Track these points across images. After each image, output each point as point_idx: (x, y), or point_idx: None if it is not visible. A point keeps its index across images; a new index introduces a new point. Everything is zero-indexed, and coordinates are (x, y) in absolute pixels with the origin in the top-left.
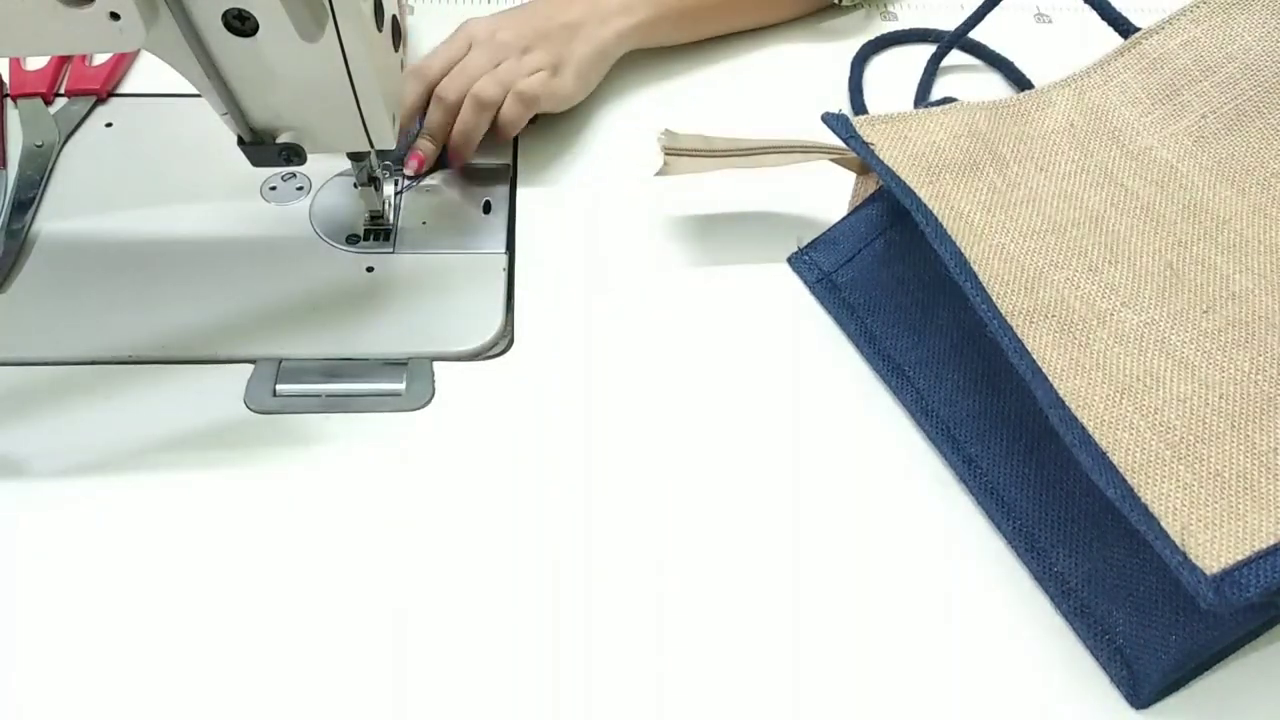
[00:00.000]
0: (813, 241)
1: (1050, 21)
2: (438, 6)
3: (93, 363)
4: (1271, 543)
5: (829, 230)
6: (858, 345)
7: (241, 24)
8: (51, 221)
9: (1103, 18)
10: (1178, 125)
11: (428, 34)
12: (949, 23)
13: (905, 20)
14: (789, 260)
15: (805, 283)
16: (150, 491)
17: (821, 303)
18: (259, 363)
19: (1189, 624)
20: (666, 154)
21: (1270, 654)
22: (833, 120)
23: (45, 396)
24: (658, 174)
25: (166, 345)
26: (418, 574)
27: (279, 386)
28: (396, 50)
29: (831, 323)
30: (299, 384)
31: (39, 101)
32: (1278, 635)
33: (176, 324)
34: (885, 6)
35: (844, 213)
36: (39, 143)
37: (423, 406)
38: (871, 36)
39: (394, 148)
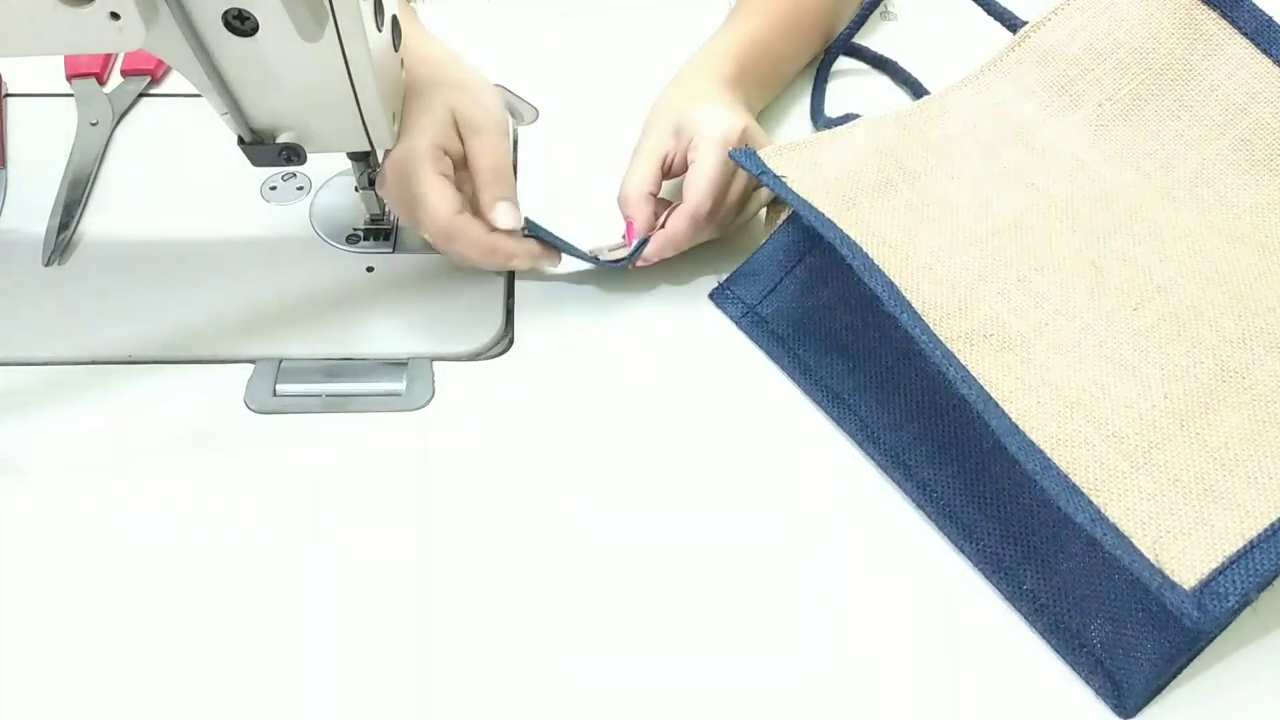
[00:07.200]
0: (732, 275)
1: (944, 22)
2: (438, 7)
3: (93, 363)
4: (1240, 545)
5: (747, 261)
6: (794, 378)
7: (241, 24)
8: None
9: (989, 14)
10: (1076, 116)
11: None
12: (950, 22)
13: (905, 20)
14: (711, 296)
15: (730, 318)
16: (150, 491)
17: (750, 337)
18: (259, 363)
19: (1164, 628)
20: None
21: (1264, 656)
22: (742, 156)
23: (45, 396)
24: None
25: (166, 345)
26: (417, 573)
27: (279, 386)
28: (396, 50)
29: (765, 357)
30: (299, 384)
31: (93, 81)
32: (1267, 637)
33: (176, 324)
34: (886, 6)
35: (761, 239)
36: (94, 121)
37: (423, 406)
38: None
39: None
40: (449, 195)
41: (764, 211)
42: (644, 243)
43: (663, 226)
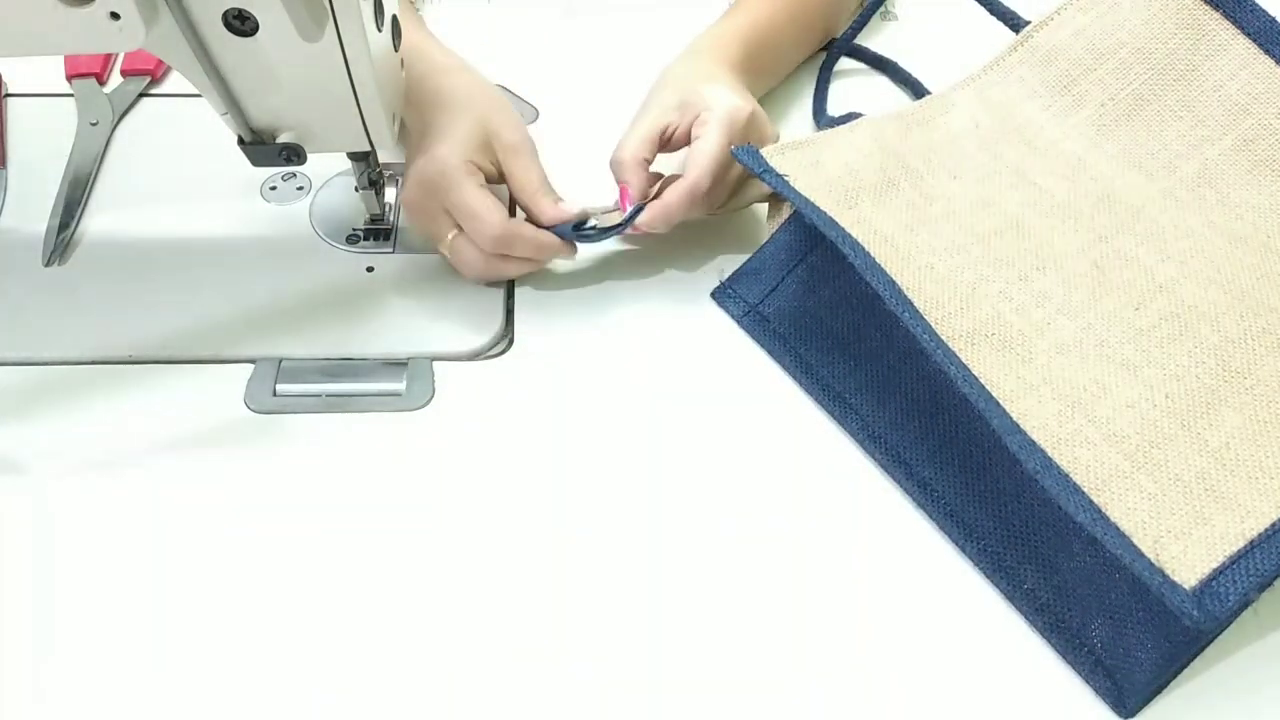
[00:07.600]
0: (734, 274)
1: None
2: (438, 7)
3: (93, 363)
4: (1240, 545)
5: (749, 260)
6: (795, 377)
7: (241, 24)
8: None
9: (991, 13)
10: (1079, 115)
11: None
12: (950, 22)
13: (906, 20)
14: (712, 295)
15: (732, 317)
16: (150, 491)
17: (751, 336)
18: (259, 363)
19: (1164, 628)
20: None
21: (1264, 656)
22: (744, 155)
23: (45, 396)
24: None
25: (166, 345)
26: (417, 573)
27: (279, 386)
28: (396, 50)
29: (766, 356)
30: (299, 384)
31: (93, 82)
32: (1267, 637)
33: (177, 324)
34: (887, 7)
35: (763, 238)
36: (94, 121)
37: (423, 406)
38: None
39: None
40: (498, 204)
41: (766, 210)
42: (638, 210)
43: (656, 197)
